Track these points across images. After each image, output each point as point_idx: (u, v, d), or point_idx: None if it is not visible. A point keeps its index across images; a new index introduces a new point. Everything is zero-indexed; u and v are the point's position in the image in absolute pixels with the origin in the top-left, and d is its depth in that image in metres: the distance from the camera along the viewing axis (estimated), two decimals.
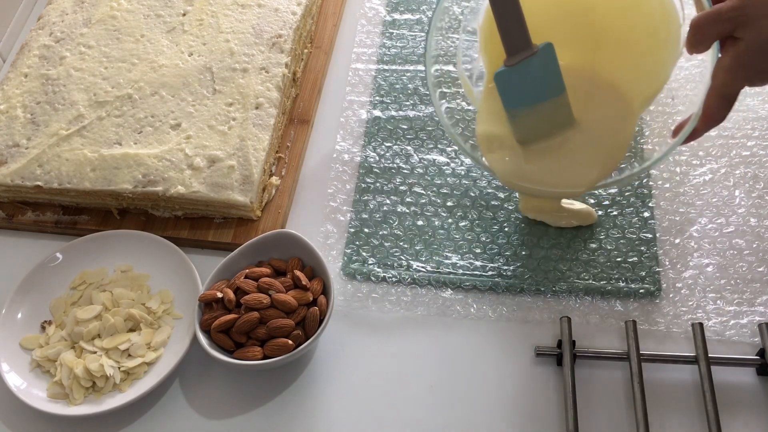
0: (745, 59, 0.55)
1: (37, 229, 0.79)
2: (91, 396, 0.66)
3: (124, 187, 0.74)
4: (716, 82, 0.57)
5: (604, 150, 0.66)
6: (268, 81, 0.81)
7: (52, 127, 0.79)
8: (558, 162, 0.67)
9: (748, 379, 0.65)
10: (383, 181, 0.79)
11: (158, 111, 0.79)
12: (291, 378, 0.68)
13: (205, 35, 0.85)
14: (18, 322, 0.70)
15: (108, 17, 0.88)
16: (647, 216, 0.74)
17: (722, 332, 0.67)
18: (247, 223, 0.76)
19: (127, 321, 0.69)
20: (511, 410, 0.65)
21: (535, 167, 0.67)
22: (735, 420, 0.63)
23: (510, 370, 0.67)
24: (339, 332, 0.70)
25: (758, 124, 0.80)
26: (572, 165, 0.67)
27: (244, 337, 0.65)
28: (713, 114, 0.59)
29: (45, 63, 0.85)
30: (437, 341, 0.69)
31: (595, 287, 0.70)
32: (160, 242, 0.73)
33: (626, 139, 0.66)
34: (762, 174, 0.77)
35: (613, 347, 0.67)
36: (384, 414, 0.65)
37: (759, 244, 0.72)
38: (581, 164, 0.66)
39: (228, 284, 0.68)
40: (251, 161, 0.75)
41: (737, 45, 0.55)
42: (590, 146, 0.66)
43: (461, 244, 0.74)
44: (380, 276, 0.72)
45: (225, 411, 0.66)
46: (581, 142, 0.66)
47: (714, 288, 0.70)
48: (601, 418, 0.64)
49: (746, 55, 0.55)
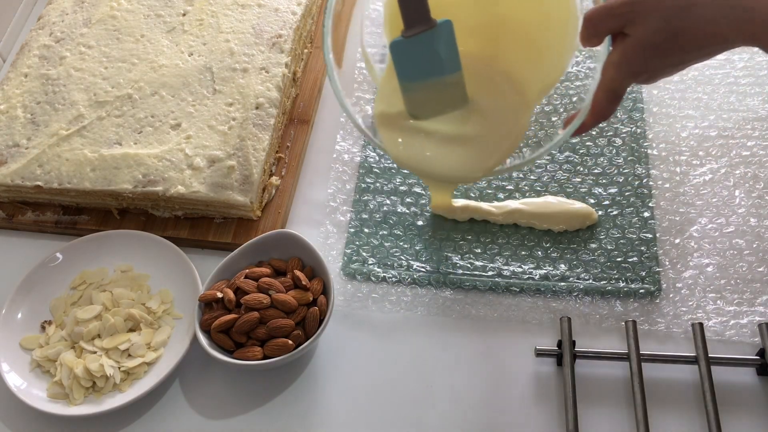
0: (631, 55, 0.55)
1: (37, 229, 0.79)
2: (91, 396, 0.66)
3: (124, 187, 0.74)
4: (604, 76, 0.57)
5: (498, 139, 0.66)
6: (268, 81, 0.81)
7: (52, 127, 0.79)
8: (452, 147, 0.66)
9: (748, 379, 0.65)
10: (383, 181, 0.79)
11: (158, 111, 0.79)
12: (291, 378, 0.68)
13: (205, 35, 0.85)
14: (18, 322, 0.70)
15: (108, 17, 0.88)
16: (647, 216, 0.74)
17: (722, 332, 0.67)
18: (247, 223, 0.76)
19: (127, 321, 0.69)
20: (511, 410, 0.65)
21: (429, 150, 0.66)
22: (735, 420, 0.63)
23: (510, 370, 0.67)
24: (339, 332, 0.70)
25: (758, 124, 0.80)
26: (467, 151, 0.66)
27: (244, 337, 0.65)
28: (601, 108, 0.59)
29: (45, 63, 0.85)
30: (437, 341, 0.69)
31: (595, 287, 0.70)
32: (160, 242, 0.73)
33: (521, 129, 0.66)
34: (762, 174, 0.77)
35: (613, 347, 0.67)
36: (384, 414, 0.65)
37: (759, 244, 0.72)
38: (475, 151, 0.66)
39: (228, 284, 0.68)
40: (251, 161, 0.75)
41: (626, 41, 0.55)
42: (485, 134, 0.66)
43: (461, 244, 0.74)
44: (380, 276, 0.72)
45: (225, 411, 0.66)
46: (476, 129, 0.66)
47: (714, 288, 0.70)
48: (601, 418, 0.64)
49: (633, 51, 0.55)
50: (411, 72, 0.63)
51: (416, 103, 0.65)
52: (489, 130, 0.66)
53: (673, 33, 0.53)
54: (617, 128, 0.80)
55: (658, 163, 0.78)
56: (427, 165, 0.66)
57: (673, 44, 0.54)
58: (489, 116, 0.66)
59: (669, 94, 0.83)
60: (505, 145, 0.65)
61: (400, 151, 0.66)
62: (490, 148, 0.65)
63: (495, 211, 0.74)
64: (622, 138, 0.80)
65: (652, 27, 0.53)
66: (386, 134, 0.66)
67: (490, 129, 0.66)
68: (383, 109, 0.67)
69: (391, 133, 0.66)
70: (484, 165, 0.64)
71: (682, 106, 0.82)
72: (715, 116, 0.81)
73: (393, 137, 0.66)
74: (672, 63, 0.56)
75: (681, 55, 0.55)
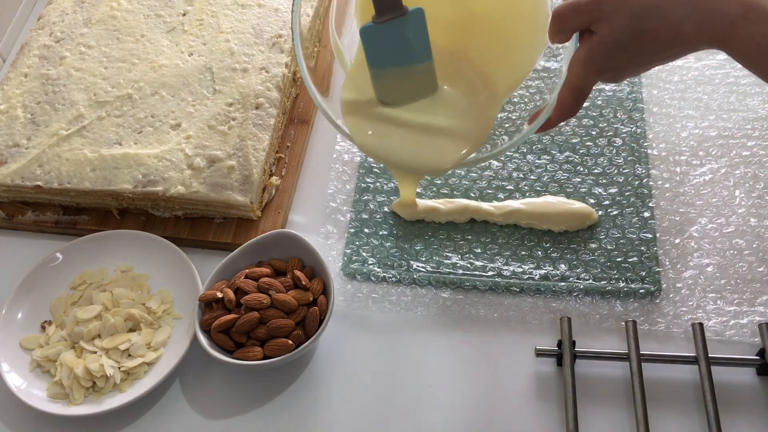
0: (597, 54, 0.55)
1: (37, 229, 0.79)
2: (91, 396, 0.66)
3: (124, 187, 0.74)
4: (570, 73, 0.57)
5: (467, 131, 0.66)
6: (268, 81, 0.81)
7: (52, 127, 0.79)
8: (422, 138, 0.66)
9: (748, 379, 0.65)
10: (383, 181, 0.79)
11: (158, 111, 0.79)
12: (291, 378, 0.68)
13: (205, 35, 0.85)
14: (18, 322, 0.70)
15: (108, 17, 0.88)
16: (647, 216, 0.74)
17: (722, 332, 0.67)
18: (247, 223, 0.76)
19: (127, 321, 0.69)
20: (511, 410, 0.65)
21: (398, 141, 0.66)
22: (735, 420, 0.63)
23: (510, 370, 0.67)
24: (339, 332, 0.70)
25: (758, 124, 0.80)
26: (436, 142, 0.66)
27: (244, 337, 0.65)
28: (566, 106, 0.59)
29: (45, 63, 0.85)
30: (437, 341, 0.69)
31: (595, 287, 0.70)
32: (160, 242, 0.73)
33: (489, 122, 0.66)
34: (762, 174, 0.77)
35: (613, 347, 0.67)
36: (384, 414, 0.65)
37: (759, 244, 0.72)
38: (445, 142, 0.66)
39: (228, 284, 0.68)
40: (251, 161, 0.75)
41: (592, 39, 0.55)
42: (455, 126, 0.66)
43: (461, 244, 0.74)
44: (380, 276, 0.72)
45: (225, 411, 0.66)
46: (446, 121, 0.66)
47: (714, 288, 0.70)
48: (601, 418, 0.64)
49: (599, 49, 0.55)
50: (381, 58, 0.63)
51: (386, 89, 0.65)
52: (458, 122, 0.66)
53: (639, 32, 0.53)
54: (617, 128, 0.80)
55: (658, 163, 0.78)
56: (396, 155, 0.66)
57: (638, 44, 0.54)
58: (458, 108, 0.66)
59: (669, 94, 0.83)
60: (474, 137, 0.65)
61: (368, 141, 0.66)
62: (459, 140, 0.65)
63: (495, 211, 0.74)
64: (622, 138, 0.80)
65: (618, 26, 0.54)
66: (353, 123, 0.66)
67: (459, 121, 0.66)
68: (352, 97, 0.67)
69: (359, 121, 0.66)
70: (453, 156, 0.64)
71: (682, 106, 0.82)
72: (715, 116, 0.81)
73: (361, 126, 0.66)
74: (637, 62, 0.56)
75: (646, 55, 0.55)
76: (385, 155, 0.66)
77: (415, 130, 0.66)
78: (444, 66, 0.65)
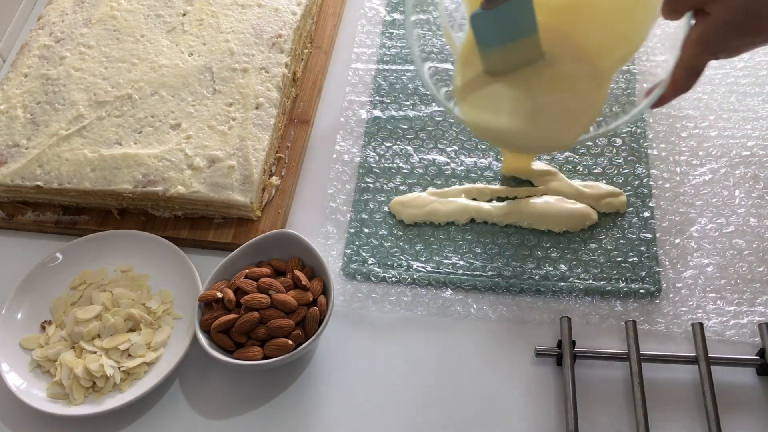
0: (711, 34, 0.56)
1: (37, 229, 0.79)
2: (91, 396, 0.66)
3: (124, 187, 0.74)
4: (684, 53, 0.58)
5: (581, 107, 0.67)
6: (268, 81, 0.81)
7: (52, 127, 0.79)
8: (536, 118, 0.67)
9: (748, 379, 0.65)
10: (383, 181, 0.79)
11: (158, 111, 0.79)
12: (291, 378, 0.68)
13: (205, 35, 0.85)
14: (18, 322, 0.70)
15: (108, 17, 0.88)
16: (647, 216, 0.74)
17: (722, 332, 0.67)
18: (247, 223, 0.76)
19: (127, 321, 0.69)
20: (511, 410, 0.65)
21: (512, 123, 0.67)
22: (735, 420, 0.63)
23: (510, 370, 0.67)
24: (339, 332, 0.70)
25: (758, 124, 0.80)
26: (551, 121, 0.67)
27: (244, 337, 0.65)
28: (680, 83, 0.60)
29: (45, 63, 0.85)
30: (437, 341, 0.69)
31: (595, 287, 0.70)
32: (160, 242, 0.73)
33: (602, 97, 0.67)
34: (762, 174, 0.77)
35: (613, 347, 0.67)
36: (384, 414, 0.65)
37: (759, 244, 0.72)
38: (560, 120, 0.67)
39: (228, 284, 0.68)
40: (251, 161, 0.75)
41: (706, 19, 0.56)
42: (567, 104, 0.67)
43: (461, 244, 0.74)
44: (380, 276, 0.72)
45: (225, 411, 0.66)
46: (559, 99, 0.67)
47: (714, 288, 0.70)
48: (601, 418, 0.64)
49: (713, 30, 0.56)
50: (490, 39, 0.65)
51: (493, 62, 0.67)
52: (571, 99, 0.67)
53: (754, 14, 0.54)
54: None
55: (658, 163, 0.78)
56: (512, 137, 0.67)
57: (752, 25, 0.54)
58: (570, 86, 0.67)
59: None
60: (588, 113, 0.66)
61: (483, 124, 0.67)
62: (574, 117, 0.66)
63: (495, 211, 0.74)
64: (622, 138, 0.80)
65: (732, 7, 0.54)
66: (467, 107, 0.67)
67: (572, 98, 0.67)
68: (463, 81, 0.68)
69: (472, 106, 0.67)
70: (570, 134, 0.66)
71: (682, 106, 0.82)
72: (715, 116, 0.81)
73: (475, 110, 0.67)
74: (751, 42, 0.56)
75: (759, 36, 0.55)
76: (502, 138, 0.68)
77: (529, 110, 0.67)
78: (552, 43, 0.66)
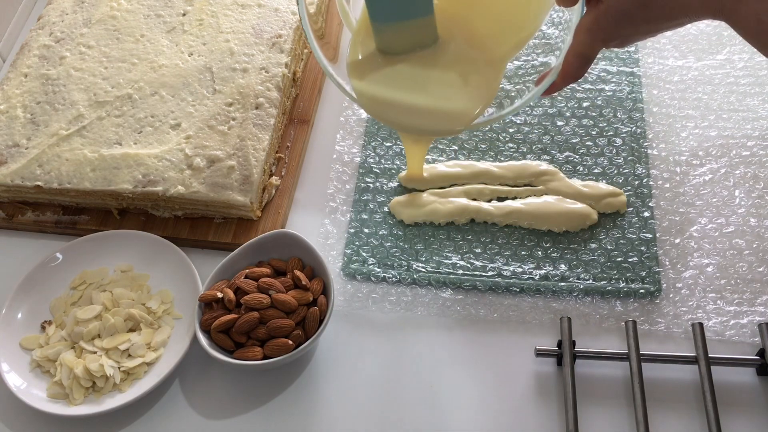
0: (603, 22, 0.56)
1: (37, 229, 0.79)
2: (91, 396, 0.66)
3: (124, 187, 0.74)
4: (576, 40, 0.58)
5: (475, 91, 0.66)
6: (268, 81, 0.81)
7: (52, 127, 0.79)
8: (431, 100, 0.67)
9: (748, 379, 0.65)
10: (383, 181, 0.79)
11: (158, 111, 0.79)
12: (291, 378, 0.68)
13: (205, 35, 0.85)
14: (18, 322, 0.70)
15: (108, 17, 0.88)
16: (647, 216, 0.74)
17: (722, 332, 0.67)
18: (247, 223, 0.76)
19: (127, 321, 0.69)
20: (511, 410, 0.65)
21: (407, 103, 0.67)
22: (735, 420, 0.63)
23: (510, 370, 0.67)
24: (339, 332, 0.70)
25: (758, 124, 0.80)
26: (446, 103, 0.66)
27: (244, 337, 0.65)
28: (571, 71, 0.60)
29: (45, 63, 0.85)
30: (437, 341, 0.69)
31: (595, 287, 0.70)
32: (160, 242, 0.73)
33: (496, 81, 0.66)
34: (762, 174, 0.77)
35: (613, 347, 0.67)
36: (384, 414, 0.65)
37: (759, 244, 0.72)
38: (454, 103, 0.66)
39: (228, 284, 0.68)
40: (251, 161, 0.75)
41: (599, 7, 0.56)
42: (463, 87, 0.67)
43: (461, 244, 0.74)
44: (380, 276, 0.72)
45: (225, 411, 0.66)
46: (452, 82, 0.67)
47: (714, 288, 0.70)
48: (601, 418, 0.64)
49: (605, 18, 0.56)
50: (383, 14, 0.64)
51: (388, 41, 0.66)
52: (464, 82, 0.67)
53: (645, 3, 0.54)
54: (617, 128, 0.80)
55: (658, 163, 0.78)
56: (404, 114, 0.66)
57: (644, 13, 0.54)
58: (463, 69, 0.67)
59: (669, 94, 0.83)
60: (482, 96, 0.65)
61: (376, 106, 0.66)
62: (467, 98, 0.66)
63: (495, 212, 0.74)
64: (622, 138, 0.80)
65: None
66: (361, 85, 0.66)
67: (464, 81, 0.67)
68: (356, 59, 0.67)
69: (366, 84, 0.67)
70: (465, 116, 0.65)
71: (682, 106, 0.82)
72: (715, 116, 0.81)
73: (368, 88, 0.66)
74: (643, 30, 0.57)
75: (651, 24, 0.56)
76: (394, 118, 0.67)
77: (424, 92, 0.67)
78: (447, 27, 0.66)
